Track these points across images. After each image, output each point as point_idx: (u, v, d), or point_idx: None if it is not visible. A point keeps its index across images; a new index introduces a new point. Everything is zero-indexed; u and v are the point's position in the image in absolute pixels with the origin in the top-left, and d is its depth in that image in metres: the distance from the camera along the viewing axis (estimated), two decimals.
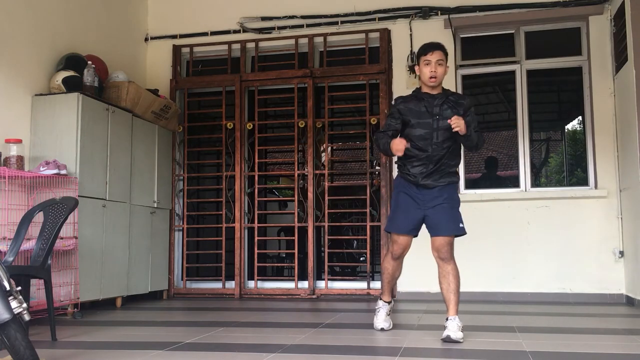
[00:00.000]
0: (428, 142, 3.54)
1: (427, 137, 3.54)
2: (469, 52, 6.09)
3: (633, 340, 3.44)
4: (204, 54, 6.68)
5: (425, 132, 3.54)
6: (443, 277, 3.54)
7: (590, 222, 5.53)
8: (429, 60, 3.54)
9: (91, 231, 4.85)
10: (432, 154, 3.54)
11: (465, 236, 3.59)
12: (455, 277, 3.52)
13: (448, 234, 3.53)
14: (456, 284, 3.51)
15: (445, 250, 3.52)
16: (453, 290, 3.50)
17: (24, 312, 2.29)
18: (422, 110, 3.57)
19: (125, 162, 5.42)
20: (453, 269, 3.53)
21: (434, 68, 3.53)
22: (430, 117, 3.55)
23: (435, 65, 3.53)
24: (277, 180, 10.54)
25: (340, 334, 3.74)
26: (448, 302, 3.51)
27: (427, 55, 3.55)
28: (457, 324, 3.39)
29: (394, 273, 3.83)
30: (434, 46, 3.59)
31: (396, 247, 3.71)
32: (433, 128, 3.53)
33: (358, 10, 6.19)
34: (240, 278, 6.17)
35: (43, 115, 4.86)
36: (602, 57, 5.64)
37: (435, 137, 3.53)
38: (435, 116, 3.54)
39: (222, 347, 3.27)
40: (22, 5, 4.85)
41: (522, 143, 5.86)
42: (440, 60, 3.55)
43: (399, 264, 3.83)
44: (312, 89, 6.24)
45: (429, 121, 3.55)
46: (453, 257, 3.55)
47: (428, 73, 3.53)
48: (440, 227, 3.54)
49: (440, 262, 3.56)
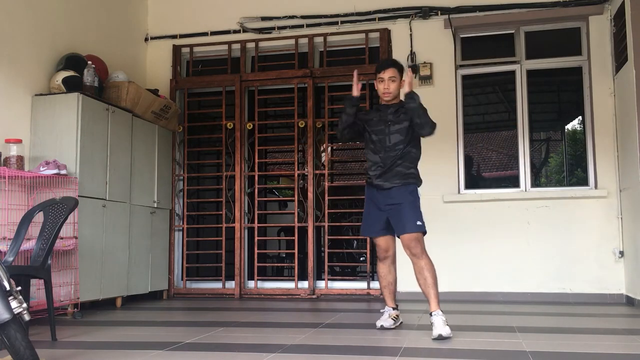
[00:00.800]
0: (381, 146, 3.86)
1: (380, 142, 3.86)
2: (469, 52, 6.09)
3: (633, 340, 3.44)
4: (204, 54, 6.68)
5: (379, 138, 3.88)
6: (419, 274, 3.72)
7: (590, 222, 5.53)
8: (382, 77, 3.87)
9: (91, 231, 4.85)
10: (384, 156, 3.83)
11: (465, 236, 3.62)
12: (430, 271, 3.69)
13: (407, 232, 3.72)
14: (432, 278, 3.68)
15: (414, 246, 3.70)
16: (430, 284, 3.66)
17: (24, 312, 2.30)
18: (377, 119, 3.92)
19: (125, 162, 5.42)
20: (426, 263, 3.70)
21: (386, 85, 3.86)
22: (383, 124, 3.88)
23: (388, 82, 3.85)
24: (277, 180, 10.54)
25: (340, 334, 3.74)
26: (428, 296, 3.66)
27: (380, 74, 3.88)
28: (442, 319, 3.51)
29: (386, 277, 3.98)
30: (387, 64, 3.92)
31: (377, 249, 3.96)
32: (385, 133, 3.86)
33: (358, 10, 6.19)
34: (240, 278, 6.17)
35: (43, 115, 4.86)
36: (602, 57, 5.64)
37: (387, 140, 3.84)
38: (388, 122, 3.87)
39: (222, 347, 3.27)
40: (22, 5, 4.85)
41: (522, 143, 5.86)
42: (393, 77, 3.86)
43: (388, 267, 3.98)
44: (312, 89, 6.24)
45: (382, 128, 3.88)
46: (424, 252, 3.73)
47: (382, 89, 3.88)
48: (399, 226, 3.77)
49: (413, 258, 3.74)
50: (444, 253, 5.72)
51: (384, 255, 3.93)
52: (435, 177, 5.81)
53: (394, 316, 3.95)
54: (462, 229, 5.72)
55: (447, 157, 5.86)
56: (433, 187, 5.80)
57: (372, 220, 3.91)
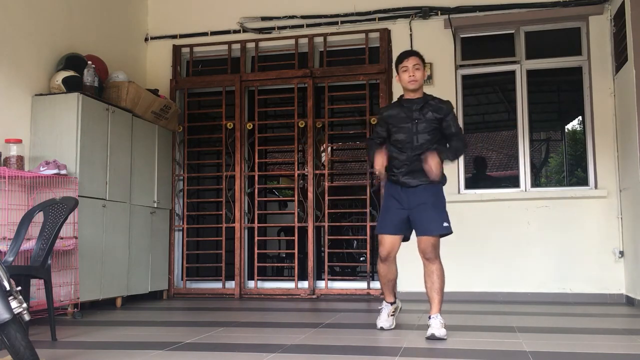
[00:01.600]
0: (408, 146, 3.71)
1: (407, 140, 3.71)
2: (469, 52, 6.09)
3: (633, 340, 3.44)
4: (204, 54, 6.68)
5: (406, 136, 3.72)
6: (427, 276, 3.67)
7: (590, 222, 5.53)
8: (406, 66, 3.72)
9: (91, 231, 4.85)
10: (412, 155, 3.69)
11: (465, 236, 3.62)
12: (440, 277, 3.64)
13: (430, 234, 3.63)
14: (440, 283, 3.64)
15: (430, 250, 3.64)
16: (437, 289, 3.63)
17: (24, 312, 2.30)
18: (402, 116, 3.75)
19: (125, 162, 5.42)
20: (438, 268, 3.65)
21: (412, 72, 3.70)
22: (409, 121, 3.72)
23: (412, 69, 3.70)
24: (277, 180, 10.54)
25: (340, 334, 3.74)
26: (431, 300, 3.63)
27: (403, 62, 3.74)
28: (440, 321, 3.50)
29: (387, 275, 3.90)
30: (410, 53, 3.81)
31: (380, 248, 3.81)
32: (412, 132, 3.71)
33: (358, 10, 6.19)
34: (240, 278, 6.17)
35: (43, 115, 4.86)
36: (602, 57, 5.64)
37: (415, 140, 3.70)
38: (415, 120, 3.71)
39: (222, 347, 3.27)
40: (22, 5, 4.85)
41: (522, 143, 5.86)
42: (417, 65, 3.71)
43: (389, 267, 3.88)
44: (312, 89, 6.24)
45: (409, 125, 3.72)
46: (438, 256, 3.67)
47: (407, 78, 3.71)
48: (422, 228, 3.66)
49: (425, 261, 3.68)
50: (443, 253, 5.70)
51: (385, 256, 3.80)
52: None
53: (392, 312, 3.92)
54: (462, 229, 5.69)
55: None
56: None
57: (389, 219, 3.76)
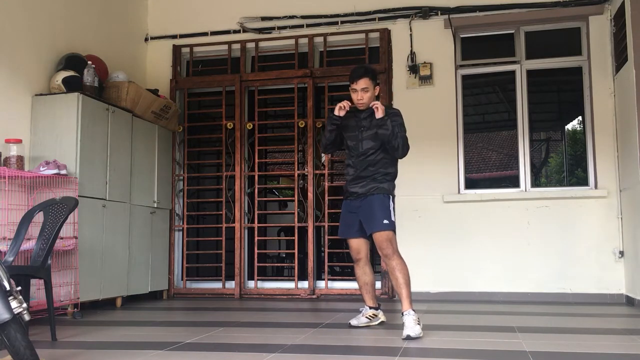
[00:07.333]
0: (355, 152, 3.93)
1: (354, 147, 3.93)
2: (469, 52, 6.09)
3: (633, 340, 3.44)
4: (204, 54, 6.68)
5: (353, 144, 3.94)
6: (390, 274, 3.79)
7: (590, 222, 5.53)
8: (355, 88, 3.87)
9: (91, 231, 4.85)
10: (357, 161, 3.91)
11: (465, 236, 3.62)
12: (401, 271, 3.73)
13: (371, 231, 3.80)
14: (404, 278, 3.72)
15: (384, 246, 3.76)
16: (402, 284, 3.71)
17: (24, 312, 2.30)
18: (352, 124, 3.96)
19: (125, 162, 5.42)
20: (398, 263, 3.75)
21: (360, 96, 3.85)
22: (357, 130, 3.93)
23: (361, 93, 3.85)
24: (277, 180, 10.54)
25: (340, 334, 3.74)
26: (400, 296, 3.73)
27: (352, 84, 3.88)
28: (413, 318, 3.54)
29: (361, 277, 4.05)
30: (358, 75, 3.86)
31: (350, 250, 4.04)
32: (358, 139, 3.92)
33: (358, 10, 6.19)
34: (240, 278, 6.17)
35: (43, 115, 4.86)
36: (602, 57, 5.64)
37: (360, 146, 3.90)
38: (361, 128, 3.91)
39: (222, 347, 3.28)
40: (22, 6, 4.85)
41: (522, 143, 5.86)
42: (365, 87, 3.84)
43: (362, 269, 4.04)
44: (312, 89, 6.24)
45: (356, 133, 3.93)
46: (396, 252, 3.77)
47: (355, 100, 3.88)
48: (368, 227, 3.85)
49: (385, 259, 3.81)
50: (444, 253, 5.73)
51: (356, 257, 4.02)
52: (435, 177, 5.83)
53: (370, 315, 4.02)
54: (462, 228, 5.72)
55: (447, 157, 5.86)
56: (433, 187, 5.82)
57: (344, 224, 4.02)
